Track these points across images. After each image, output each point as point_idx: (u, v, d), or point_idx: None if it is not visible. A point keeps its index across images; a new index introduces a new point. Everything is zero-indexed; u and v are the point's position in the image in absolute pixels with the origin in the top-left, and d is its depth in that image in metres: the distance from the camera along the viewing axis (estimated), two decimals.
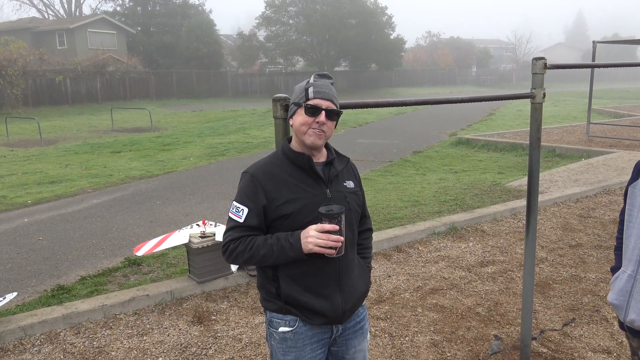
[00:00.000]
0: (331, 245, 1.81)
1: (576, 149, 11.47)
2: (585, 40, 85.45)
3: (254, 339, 3.78)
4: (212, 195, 8.43)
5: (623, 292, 2.16)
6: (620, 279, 2.19)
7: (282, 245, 1.86)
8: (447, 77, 56.03)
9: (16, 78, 26.41)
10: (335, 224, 1.81)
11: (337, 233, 1.82)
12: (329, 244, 1.81)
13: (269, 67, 44.66)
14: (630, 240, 2.15)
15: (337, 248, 1.84)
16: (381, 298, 4.40)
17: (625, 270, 2.16)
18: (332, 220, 1.81)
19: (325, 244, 1.81)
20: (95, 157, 12.82)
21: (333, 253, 1.85)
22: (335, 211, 1.83)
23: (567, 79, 59.05)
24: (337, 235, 1.82)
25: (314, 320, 1.97)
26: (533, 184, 2.96)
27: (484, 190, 8.10)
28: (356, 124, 18.93)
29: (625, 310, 2.14)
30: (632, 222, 2.15)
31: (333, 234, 1.82)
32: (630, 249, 2.14)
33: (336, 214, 1.82)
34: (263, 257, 1.88)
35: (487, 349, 3.57)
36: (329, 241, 1.80)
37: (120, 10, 43.44)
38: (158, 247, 4.67)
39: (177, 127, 19.87)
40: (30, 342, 3.79)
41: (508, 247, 5.59)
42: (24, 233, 6.60)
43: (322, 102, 1.92)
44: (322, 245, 1.81)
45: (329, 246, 1.81)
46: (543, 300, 4.30)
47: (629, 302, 2.13)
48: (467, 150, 12.53)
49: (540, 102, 2.86)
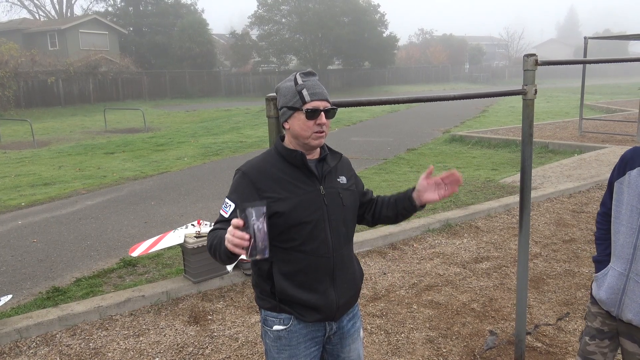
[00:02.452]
0: (236, 242, 1.63)
1: (569, 145, 11.53)
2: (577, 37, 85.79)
3: (250, 338, 3.79)
4: (207, 195, 8.42)
5: (614, 290, 2.16)
6: (610, 276, 2.18)
7: (217, 243, 1.80)
8: (440, 75, 56.13)
9: (7, 80, 26.27)
10: (242, 219, 1.63)
11: (243, 229, 1.63)
12: (234, 241, 1.63)
13: (262, 66, 44.60)
14: (618, 237, 2.15)
15: (248, 248, 1.64)
16: (376, 295, 4.42)
17: (615, 267, 2.16)
18: (241, 215, 1.64)
19: (230, 240, 1.64)
20: (89, 158, 12.77)
21: (243, 252, 1.65)
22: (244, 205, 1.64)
23: (559, 75, 59.29)
24: (242, 232, 1.62)
25: (308, 317, 1.98)
26: (526, 180, 2.98)
27: (477, 186, 8.13)
28: (350, 122, 18.94)
29: (618, 307, 2.15)
30: (619, 218, 2.14)
31: (241, 230, 1.63)
32: (619, 246, 2.14)
33: (243, 207, 1.63)
34: (215, 248, 1.82)
35: (483, 345, 3.59)
36: (234, 237, 1.63)
37: (111, 11, 43.24)
38: (153, 247, 4.67)
39: (171, 127, 19.82)
40: (26, 345, 3.78)
41: (502, 243, 5.62)
42: (18, 235, 6.57)
43: (320, 104, 1.92)
44: (229, 242, 1.65)
45: (234, 243, 1.64)
46: (537, 295, 4.33)
47: (622, 300, 2.13)
48: (461, 147, 12.57)
49: (531, 99, 2.88)
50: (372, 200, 2.25)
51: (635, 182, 2.07)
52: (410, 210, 2.16)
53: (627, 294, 2.11)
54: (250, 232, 1.63)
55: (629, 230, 2.09)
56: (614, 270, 2.17)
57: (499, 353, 3.49)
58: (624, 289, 2.12)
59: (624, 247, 2.11)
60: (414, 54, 59.10)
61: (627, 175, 2.12)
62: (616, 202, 2.16)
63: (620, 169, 2.17)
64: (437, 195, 2.10)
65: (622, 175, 2.15)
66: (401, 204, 2.16)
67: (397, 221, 2.23)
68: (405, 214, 2.18)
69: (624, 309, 2.12)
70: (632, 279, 2.10)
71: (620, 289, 2.14)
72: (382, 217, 2.22)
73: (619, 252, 2.14)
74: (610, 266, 2.20)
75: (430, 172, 2.10)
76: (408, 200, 2.14)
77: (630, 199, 2.09)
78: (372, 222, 2.25)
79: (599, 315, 2.26)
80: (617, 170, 2.19)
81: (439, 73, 56.21)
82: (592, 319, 2.30)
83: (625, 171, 2.13)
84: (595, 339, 2.27)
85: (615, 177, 2.18)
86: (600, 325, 2.26)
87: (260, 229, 1.64)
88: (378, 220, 2.24)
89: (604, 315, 2.25)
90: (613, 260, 2.19)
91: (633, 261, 2.09)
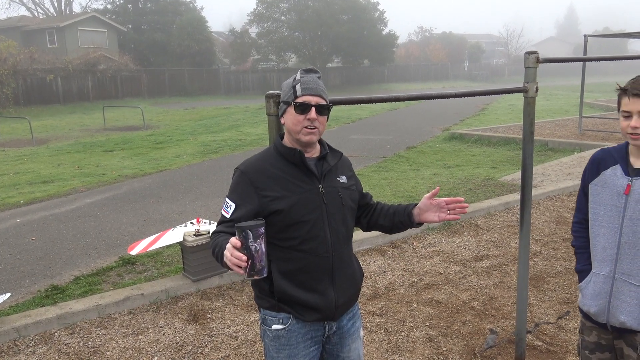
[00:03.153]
0: (234, 262, 1.62)
1: (568, 143, 11.52)
2: (576, 34, 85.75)
3: (250, 336, 3.77)
4: (206, 193, 8.40)
5: (601, 295, 2.09)
6: (594, 282, 2.12)
7: (219, 252, 1.80)
8: (439, 72, 56.10)
9: (6, 77, 26.23)
10: (240, 240, 1.63)
11: (241, 250, 1.63)
12: (232, 261, 1.63)
13: (261, 64, 44.54)
14: (599, 240, 2.09)
15: (246, 268, 1.63)
16: (376, 294, 4.41)
17: (599, 272, 2.10)
18: (239, 235, 1.63)
19: (229, 259, 1.64)
20: (88, 156, 12.75)
21: (241, 272, 1.64)
22: (241, 225, 1.63)
23: (558, 73, 59.27)
24: (239, 253, 1.62)
25: (307, 317, 1.97)
26: (527, 177, 2.97)
27: (477, 184, 8.12)
28: (349, 120, 18.92)
29: (607, 312, 2.07)
30: (598, 220, 2.10)
31: (239, 251, 1.63)
32: (601, 249, 2.09)
33: (240, 228, 1.63)
34: (217, 257, 1.82)
35: (483, 343, 3.58)
36: (232, 257, 1.63)
37: (110, 8, 43.16)
38: (152, 245, 4.66)
39: (170, 125, 19.79)
40: (25, 343, 3.76)
41: (502, 241, 5.61)
42: (17, 233, 6.55)
43: (311, 98, 1.90)
44: (228, 260, 1.65)
45: (233, 263, 1.63)
46: (537, 294, 4.32)
47: (610, 304, 2.06)
48: (461, 145, 12.56)
49: (533, 96, 2.87)
50: (369, 205, 2.23)
51: (611, 181, 2.06)
52: (407, 226, 2.15)
53: (615, 296, 2.05)
54: (248, 254, 1.63)
55: (610, 230, 2.05)
56: (597, 275, 2.11)
57: (499, 352, 3.47)
58: (611, 291, 2.06)
59: (606, 248, 2.06)
60: (414, 51, 59.08)
61: (601, 175, 2.10)
62: (593, 204, 2.12)
63: (592, 170, 2.15)
64: (437, 218, 2.08)
65: (596, 176, 2.12)
66: (399, 218, 2.14)
67: (391, 232, 2.22)
68: (401, 227, 2.17)
69: (614, 313, 2.05)
70: (619, 279, 2.04)
71: (607, 292, 2.07)
72: (377, 225, 2.20)
73: (601, 255, 2.09)
74: (593, 272, 2.13)
75: (435, 193, 2.05)
76: (407, 215, 2.12)
77: (608, 198, 2.06)
78: (366, 227, 2.24)
79: (594, 330, 2.20)
80: (589, 173, 2.16)
81: (438, 71, 56.19)
82: (588, 333, 2.23)
83: (599, 172, 2.11)
84: (595, 352, 2.21)
85: (589, 179, 2.15)
86: (598, 339, 2.19)
87: (258, 250, 1.65)
88: (373, 227, 2.22)
89: (598, 330, 2.18)
90: (595, 265, 2.12)
91: (618, 261, 2.04)
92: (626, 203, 2.01)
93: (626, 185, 2.01)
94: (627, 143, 2.07)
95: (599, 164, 2.13)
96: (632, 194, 2.00)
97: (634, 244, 2.00)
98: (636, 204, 1.99)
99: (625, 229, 2.02)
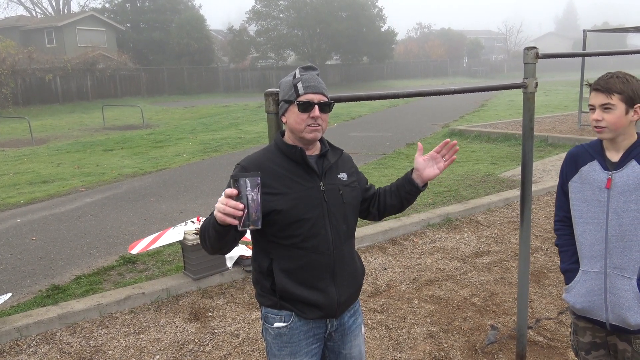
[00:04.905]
0: (228, 211, 1.62)
1: (568, 138, 11.51)
2: (575, 30, 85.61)
3: (251, 334, 3.78)
4: (206, 192, 8.40)
5: (595, 292, 2.07)
6: (584, 280, 2.11)
7: (210, 219, 1.79)
8: (438, 69, 56.04)
9: (5, 77, 26.20)
10: (235, 188, 1.62)
11: (237, 199, 1.61)
12: (226, 210, 1.62)
13: (260, 61, 44.49)
14: (585, 237, 2.08)
15: (241, 218, 1.62)
16: (377, 291, 4.41)
17: (589, 269, 2.09)
18: (234, 184, 1.62)
19: (222, 209, 1.62)
20: (88, 155, 12.74)
21: (235, 222, 1.63)
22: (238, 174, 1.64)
23: (557, 68, 59.17)
24: (235, 202, 1.61)
25: (309, 314, 1.97)
26: (527, 173, 2.96)
27: (477, 181, 8.12)
28: (349, 117, 18.90)
29: (606, 310, 2.05)
30: (582, 217, 2.09)
31: (234, 199, 1.61)
32: (589, 246, 2.08)
33: (235, 177, 1.62)
34: (205, 229, 1.82)
35: (484, 339, 3.58)
36: (227, 207, 1.62)
37: (109, 7, 43.11)
38: (153, 244, 4.66)
39: (169, 123, 19.77)
40: (26, 343, 3.77)
41: (502, 237, 5.61)
42: (17, 233, 6.55)
43: (314, 97, 1.90)
44: (221, 211, 1.63)
45: (226, 212, 1.62)
46: (538, 289, 4.32)
47: (606, 300, 2.04)
48: (460, 141, 12.53)
49: (532, 92, 2.86)
50: (375, 194, 2.23)
51: (591, 176, 2.06)
52: (414, 193, 2.14)
53: (611, 292, 2.03)
54: (244, 202, 1.61)
55: (596, 226, 2.05)
56: (587, 273, 2.10)
57: (500, 347, 3.48)
58: (605, 288, 2.05)
59: (594, 244, 2.06)
60: (413, 48, 59.01)
61: (580, 172, 2.11)
62: (576, 201, 2.12)
63: (570, 167, 2.15)
64: (437, 170, 2.09)
65: (575, 173, 2.13)
66: (403, 189, 2.14)
67: (402, 208, 2.21)
68: (409, 198, 2.16)
69: (614, 309, 2.03)
70: (612, 274, 2.03)
71: (601, 289, 2.06)
72: (387, 207, 2.20)
73: (590, 252, 2.08)
74: (582, 270, 2.12)
75: (421, 150, 2.09)
76: (409, 183, 2.12)
77: (590, 194, 2.06)
78: (378, 215, 2.23)
79: (587, 330, 2.19)
80: (567, 170, 2.17)
81: (437, 67, 56.12)
82: (582, 334, 2.22)
83: (577, 168, 2.12)
84: (591, 352, 2.20)
85: (568, 177, 2.16)
86: (592, 339, 2.19)
87: (255, 199, 1.63)
88: (384, 211, 2.21)
89: (592, 329, 2.18)
90: (583, 263, 2.11)
91: (608, 256, 2.03)
92: (609, 197, 2.01)
93: (607, 180, 2.02)
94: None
95: (577, 161, 2.14)
96: (614, 187, 2.00)
97: (621, 236, 2.00)
98: (619, 196, 1.99)
99: (611, 222, 2.01)
